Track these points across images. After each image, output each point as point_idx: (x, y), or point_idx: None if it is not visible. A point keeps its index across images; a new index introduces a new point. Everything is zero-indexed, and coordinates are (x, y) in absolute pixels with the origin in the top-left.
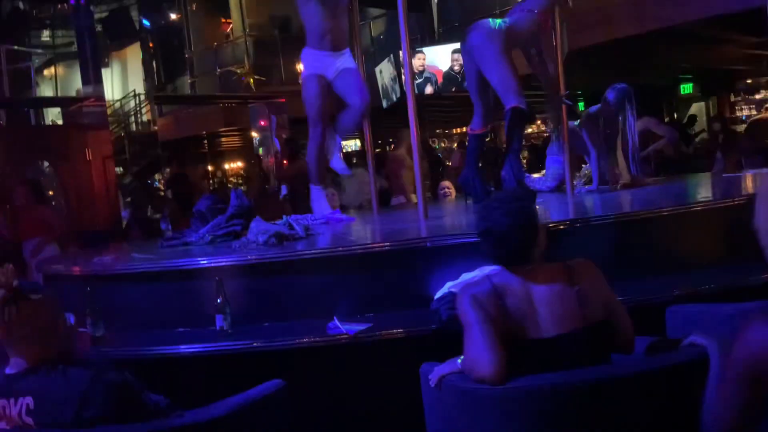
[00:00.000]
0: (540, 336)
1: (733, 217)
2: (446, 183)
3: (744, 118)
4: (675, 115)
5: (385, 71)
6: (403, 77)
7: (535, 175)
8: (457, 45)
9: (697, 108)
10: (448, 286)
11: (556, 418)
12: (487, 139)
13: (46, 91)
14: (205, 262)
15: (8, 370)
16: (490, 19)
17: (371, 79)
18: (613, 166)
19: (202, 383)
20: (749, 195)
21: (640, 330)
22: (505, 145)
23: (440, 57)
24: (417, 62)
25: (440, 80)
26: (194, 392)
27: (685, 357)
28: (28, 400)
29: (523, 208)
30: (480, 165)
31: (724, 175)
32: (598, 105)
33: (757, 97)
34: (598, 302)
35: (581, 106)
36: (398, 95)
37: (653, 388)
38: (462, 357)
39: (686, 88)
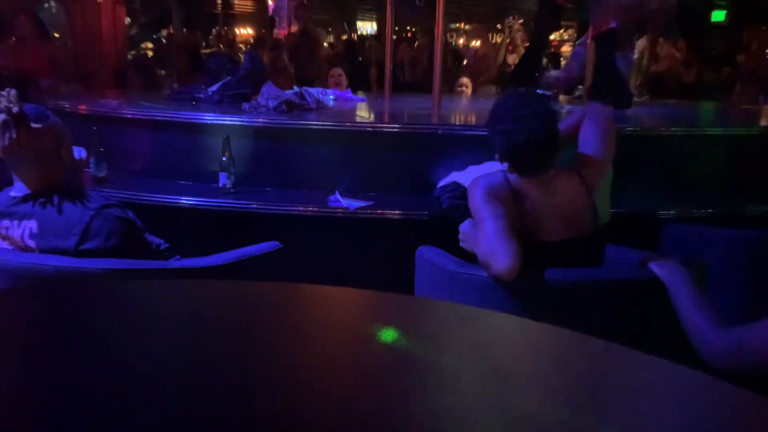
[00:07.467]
0: (550, 239)
1: (742, 146)
2: (464, 80)
3: None
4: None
5: None
6: None
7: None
8: None
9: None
10: (452, 176)
11: (532, 307)
12: None
13: None
14: (212, 118)
15: (12, 193)
16: None
17: None
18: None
19: (199, 237)
20: (761, 127)
21: (635, 242)
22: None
23: None
24: None
25: None
26: (191, 245)
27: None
28: (32, 224)
29: (549, 111)
30: None
31: (742, 106)
32: None
33: None
34: (600, 211)
35: None
36: None
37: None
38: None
39: (718, 15)
